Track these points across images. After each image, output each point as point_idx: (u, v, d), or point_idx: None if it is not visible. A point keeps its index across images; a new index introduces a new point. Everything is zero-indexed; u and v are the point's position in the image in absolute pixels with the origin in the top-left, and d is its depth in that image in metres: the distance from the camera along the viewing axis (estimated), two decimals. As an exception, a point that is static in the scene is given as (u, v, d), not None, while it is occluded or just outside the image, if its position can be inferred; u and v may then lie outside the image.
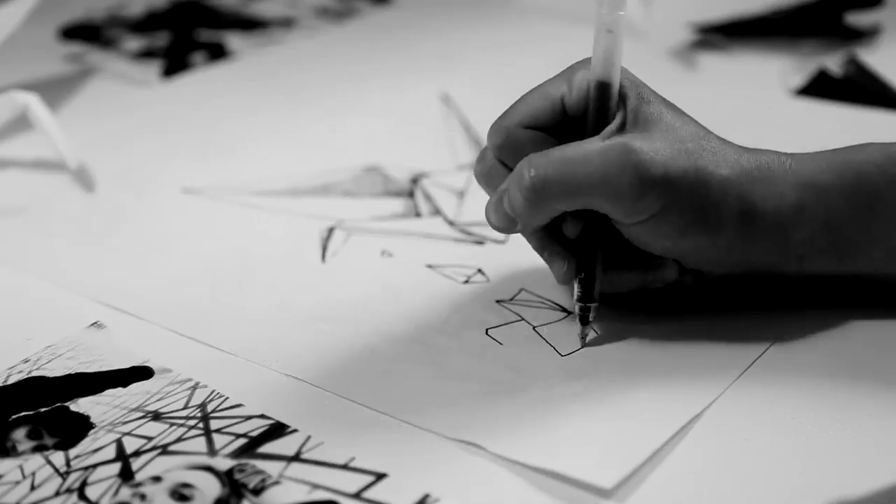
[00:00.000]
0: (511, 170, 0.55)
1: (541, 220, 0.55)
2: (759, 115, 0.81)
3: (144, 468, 0.50)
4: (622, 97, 0.54)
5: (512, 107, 0.56)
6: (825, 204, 0.54)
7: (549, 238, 0.57)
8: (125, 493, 0.49)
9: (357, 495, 0.48)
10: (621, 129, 0.54)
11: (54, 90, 0.87)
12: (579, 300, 0.56)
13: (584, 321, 0.56)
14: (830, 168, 0.54)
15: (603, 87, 0.54)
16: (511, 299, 0.60)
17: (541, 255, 0.57)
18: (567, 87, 0.56)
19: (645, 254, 0.56)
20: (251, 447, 0.51)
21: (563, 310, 0.59)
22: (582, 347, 0.56)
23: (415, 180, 0.73)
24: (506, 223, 0.55)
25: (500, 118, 0.56)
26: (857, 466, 0.49)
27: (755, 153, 0.55)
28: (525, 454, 0.49)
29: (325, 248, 0.66)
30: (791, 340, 0.56)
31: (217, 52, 0.95)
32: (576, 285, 0.56)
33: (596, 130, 0.54)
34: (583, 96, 0.55)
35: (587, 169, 0.52)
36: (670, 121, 0.54)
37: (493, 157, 0.57)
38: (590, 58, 0.55)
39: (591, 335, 0.56)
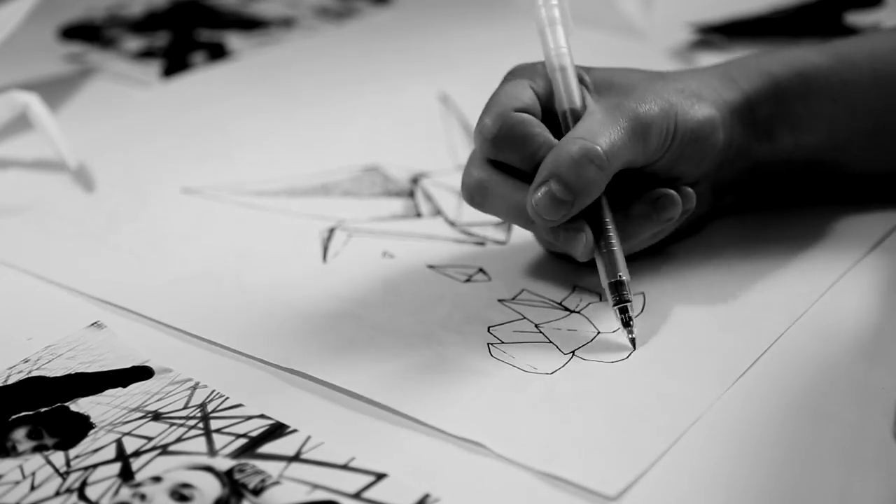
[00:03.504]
0: (506, 167, 0.57)
1: (600, 191, 0.56)
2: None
3: (144, 468, 0.50)
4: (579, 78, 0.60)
5: (493, 101, 0.58)
6: (775, 84, 0.62)
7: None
8: (125, 493, 0.49)
9: (357, 495, 0.48)
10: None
11: (54, 90, 0.87)
12: (617, 303, 0.56)
13: (627, 324, 0.56)
14: (779, 62, 0.64)
15: (573, 113, 0.58)
16: (513, 299, 0.60)
17: (556, 241, 0.57)
18: (531, 79, 0.59)
19: (639, 194, 0.59)
20: (251, 447, 0.51)
21: (566, 309, 0.59)
22: (635, 349, 0.56)
23: (415, 180, 0.73)
24: (561, 210, 0.55)
25: (485, 112, 0.57)
26: (858, 465, 0.49)
27: (703, 67, 0.65)
28: (529, 457, 0.49)
29: (325, 249, 0.66)
30: (785, 346, 0.56)
31: (217, 52, 0.95)
32: (608, 292, 0.56)
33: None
34: (548, 88, 0.59)
35: (618, 131, 0.57)
36: (619, 74, 0.61)
37: (482, 163, 0.58)
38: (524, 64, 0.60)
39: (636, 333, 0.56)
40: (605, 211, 0.57)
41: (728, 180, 0.63)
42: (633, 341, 0.56)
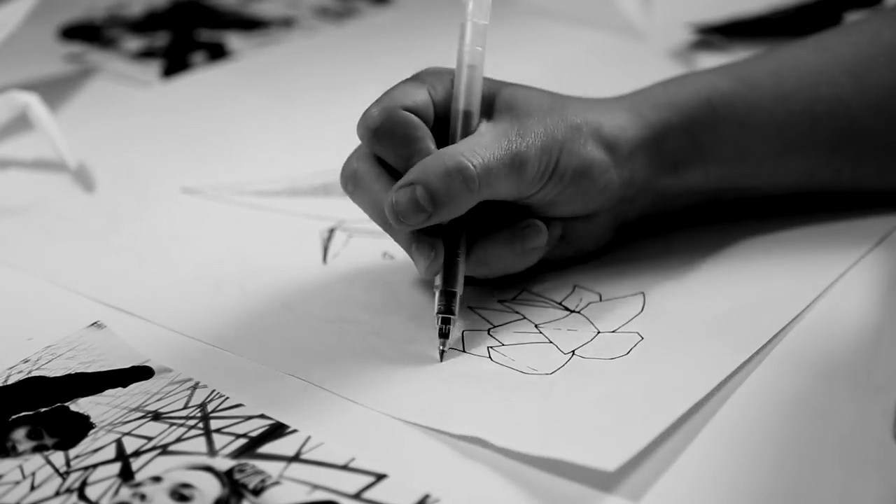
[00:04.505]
0: (384, 164, 0.57)
1: (464, 211, 0.56)
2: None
3: (144, 468, 0.50)
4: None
5: (385, 94, 0.57)
6: (683, 115, 0.61)
7: (418, 231, 0.57)
8: (125, 493, 0.49)
9: (357, 495, 0.48)
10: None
11: (54, 90, 0.87)
12: (440, 312, 0.56)
13: (444, 334, 0.56)
14: (686, 91, 0.62)
15: (467, 115, 0.57)
16: (513, 299, 0.60)
17: (408, 249, 0.57)
18: (431, 84, 0.58)
19: (510, 222, 0.58)
20: (251, 447, 0.51)
21: (566, 308, 0.59)
22: (441, 361, 0.56)
23: (415, 180, 0.73)
24: (419, 216, 0.55)
25: (374, 104, 0.57)
26: (858, 465, 0.49)
27: (614, 98, 0.62)
28: (527, 445, 0.49)
29: (326, 249, 0.66)
30: (785, 346, 0.56)
31: (217, 52, 0.95)
32: (437, 296, 0.56)
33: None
34: (447, 96, 0.58)
35: (497, 160, 0.55)
36: (523, 98, 0.59)
37: (363, 155, 0.58)
38: (436, 67, 0.60)
39: (448, 347, 0.56)
40: (462, 230, 0.57)
41: (632, 216, 0.63)
42: (441, 353, 0.56)
